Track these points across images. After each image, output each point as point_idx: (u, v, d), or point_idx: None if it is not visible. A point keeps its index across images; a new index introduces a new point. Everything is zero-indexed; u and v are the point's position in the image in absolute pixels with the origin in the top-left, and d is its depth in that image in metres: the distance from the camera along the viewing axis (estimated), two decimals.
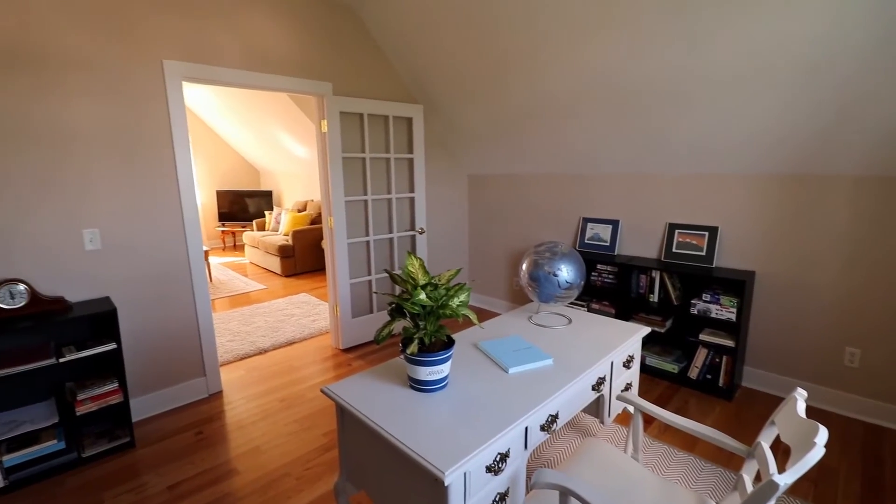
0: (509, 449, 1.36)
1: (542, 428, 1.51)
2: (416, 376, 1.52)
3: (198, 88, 6.38)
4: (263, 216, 7.89)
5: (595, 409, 2.01)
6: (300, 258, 6.21)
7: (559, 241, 3.82)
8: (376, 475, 1.44)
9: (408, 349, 1.47)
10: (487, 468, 1.28)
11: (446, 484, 1.14)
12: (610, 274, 3.32)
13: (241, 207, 8.00)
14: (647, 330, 2.15)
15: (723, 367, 2.76)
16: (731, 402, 2.73)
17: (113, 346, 2.27)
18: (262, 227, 7.47)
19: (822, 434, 1.07)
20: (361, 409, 1.44)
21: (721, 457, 2.21)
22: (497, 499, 1.33)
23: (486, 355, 1.83)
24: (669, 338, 3.12)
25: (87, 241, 2.38)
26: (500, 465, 1.32)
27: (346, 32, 3.37)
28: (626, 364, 2.02)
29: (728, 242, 2.91)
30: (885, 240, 2.39)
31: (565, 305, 2.42)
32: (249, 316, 4.44)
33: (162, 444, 2.41)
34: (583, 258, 2.14)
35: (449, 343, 1.55)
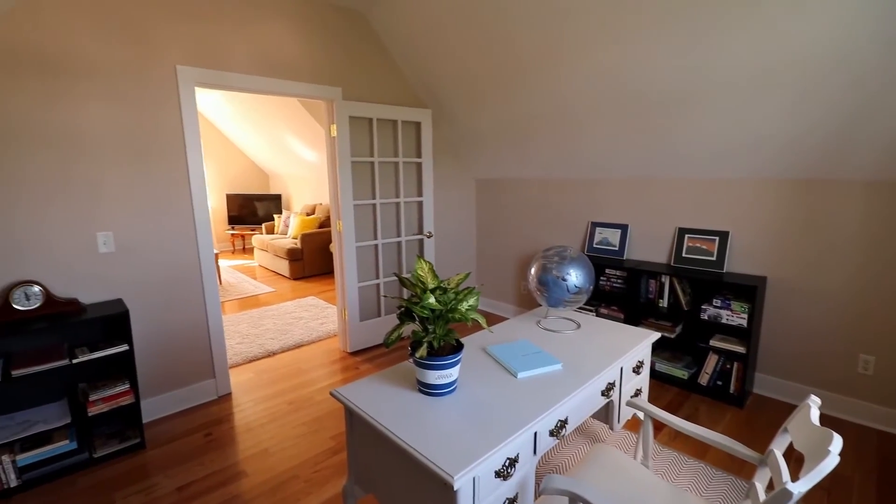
0: (518, 454, 1.35)
1: (552, 433, 1.50)
2: (424, 380, 1.52)
3: (209, 93, 6.46)
4: (272, 219, 7.96)
5: (604, 414, 1.99)
6: (308, 261, 6.25)
7: (568, 245, 3.81)
8: (385, 479, 1.44)
9: (417, 353, 1.48)
10: (496, 473, 1.28)
11: (455, 488, 1.13)
12: (619, 278, 3.30)
13: (250, 211, 8.07)
14: (656, 335, 2.13)
15: (734, 374, 2.73)
16: (743, 409, 2.70)
17: (125, 347, 2.30)
18: (271, 231, 7.53)
19: (837, 442, 1.06)
20: (371, 412, 1.44)
21: (732, 464, 2.18)
22: None
23: (494, 359, 1.83)
24: (679, 343, 3.09)
25: (101, 244, 2.42)
26: (509, 470, 1.32)
27: (356, 38, 3.40)
28: (636, 370, 2.00)
29: (739, 247, 2.89)
30: None
31: (574, 310, 2.41)
32: (258, 318, 4.47)
33: (171, 445, 2.43)
34: (591, 262, 2.14)
35: (458, 347, 1.55)
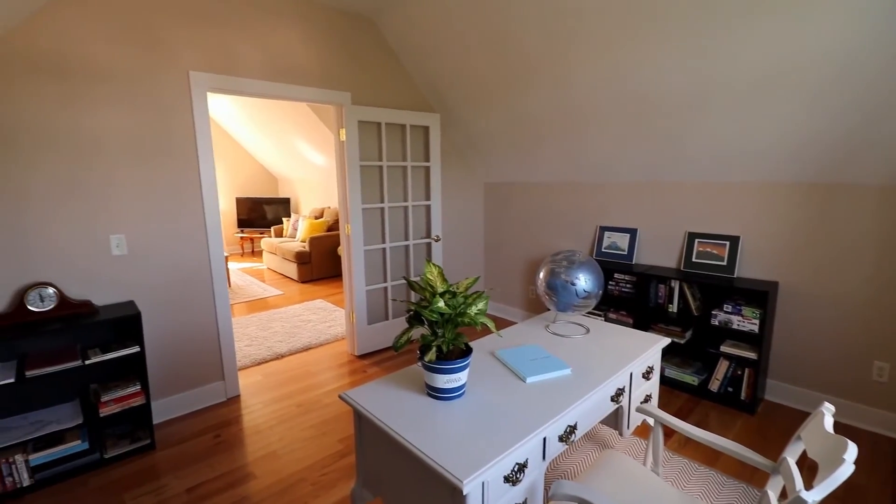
0: (527, 459, 1.35)
1: (561, 439, 1.50)
2: (433, 384, 1.53)
3: (219, 98, 6.54)
4: (281, 223, 8.01)
5: (613, 420, 1.98)
6: (316, 264, 6.28)
7: (576, 249, 3.79)
8: (393, 482, 1.44)
9: (426, 356, 1.48)
10: (505, 478, 1.27)
11: (465, 493, 1.13)
12: (628, 283, 3.29)
13: (259, 214, 8.14)
14: (666, 341, 2.12)
15: (745, 380, 2.70)
16: (754, 416, 2.66)
17: (136, 349, 2.33)
18: (279, 234, 7.58)
19: (852, 450, 1.04)
20: (380, 415, 1.45)
21: (744, 472, 2.15)
22: None
23: (503, 364, 1.82)
24: (689, 349, 3.06)
25: (114, 247, 2.45)
26: (518, 475, 1.31)
27: (365, 43, 3.43)
28: (646, 375, 1.99)
29: (750, 252, 2.86)
30: None
31: (583, 315, 2.40)
32: (267, 321, 4.49)
33: (181, 446, 2.45)
34: (600, 267, 2.13)
35: (466, 351, 1.55)
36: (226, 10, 2.71)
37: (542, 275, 2.17)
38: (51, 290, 2.22)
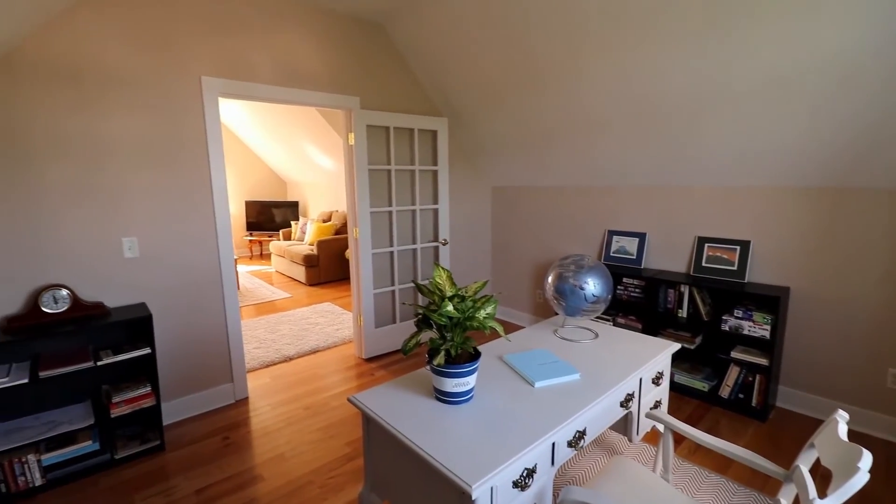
0: (536, 464, 1.34)
1: (570, 444, 1.49)
2: (441, 388, 1.53)
3: (230, 103, 6.61)
4: (289, 226, 8.06)
5: (623, 426, 1.96)
6: (324, 267, 6.31)
7: (584, 254, 3.78)
8: (401, 486, 1.44)
9: (434, 360, 1.48)
10: (514, 483, 1.27)
11: (473, 498, 1.13)
12: (636, 288, 3.26)
13: (268, 217, 8.20)
14: (676, 346, 2.10)
15: (756, 387, 2.67)
16: (765, 424, 2.63)
17: (147, 350, 2.35)
18: (288, 237, 7.63)
19: (867, 458, 1.03)
20: (388, 419, 1.45)
21: (755, 480, 2.13)
22: None
23: (511, 368, 1.82)
24: (699, 355, 3.03)
25: (126, 249, 2.48)
26: (527, 480, 1.30)
27: (374, 49, 3.46)
28: (656, 381, 1.97)
29: (761, 257, 2.83)
30: None
31: (591, 319, 2.39)
32: (275, 324, 4.52)
33: (190, 448, 2.46)
34: (608, 271, 2.13)
35: (475, 355, 1.55)
36: (237, 17, 2.75)
37: (550, 279, 2.17)
38: (64, 292, 2.26)
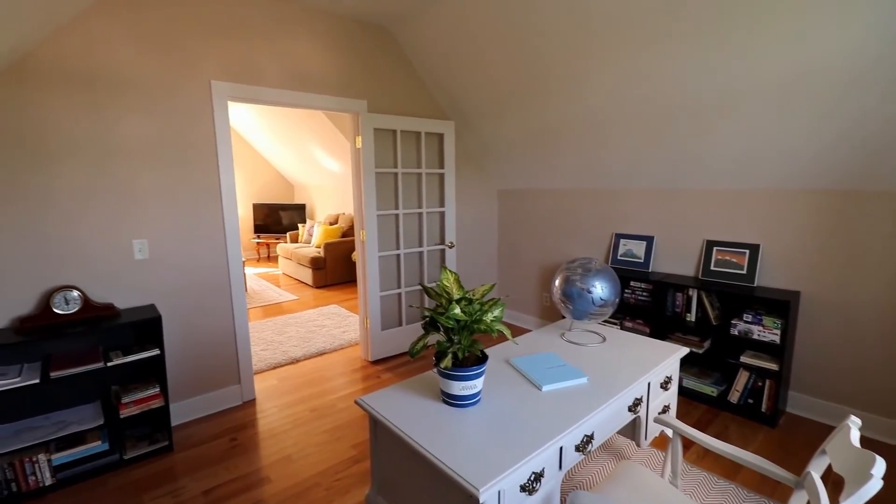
0: (544, 468, 1.34)
1: (577, 448, 1.48)
2: (448, 391, 1.52)
3: (238, 106, 6.67)
4: (297, 228, 8.11)
5: (631, 431, 1.95)
6: (331, 270, 6.33)
7: (592, 257, 3.76)
8: (407, 489, 1.44)
9: (441, 363, 1.48)
10: (521, 487, 1.26)
11: (481, 501, 1.12)
12: (644, 291, 3.25)
13: (275, 220, 8.26)
14: (685, 350, 2.08)
15: (766, 392, 2.64)
16: (775, 429, 2.60)
17: (156, 351, 2.37)
18: (295, 240, 7.67)
19: (880, 465, 1.01)
20: (395, 421, 1.45)
21: (765, 486, 2.10)
22: None
23: (518, 372, 1.81)
24: (708, 359, 3.00)
25: (137, 251, 2.51)
26: (535, 484, 1.30)
27: (381, 52, 3.48)
28: (664, 385, 1.96)
29: (770, 261, 2.81)
30: None
31: (599, 323, 2.38)
32: (282, 326, 4.54)
33: (198, 448, 2.48)
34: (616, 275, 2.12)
35: (482, 358, 1.55)
36: (246, 22, 2.77)
37: (557, 282, 2.16)
38: (75, 293, 2.28)
